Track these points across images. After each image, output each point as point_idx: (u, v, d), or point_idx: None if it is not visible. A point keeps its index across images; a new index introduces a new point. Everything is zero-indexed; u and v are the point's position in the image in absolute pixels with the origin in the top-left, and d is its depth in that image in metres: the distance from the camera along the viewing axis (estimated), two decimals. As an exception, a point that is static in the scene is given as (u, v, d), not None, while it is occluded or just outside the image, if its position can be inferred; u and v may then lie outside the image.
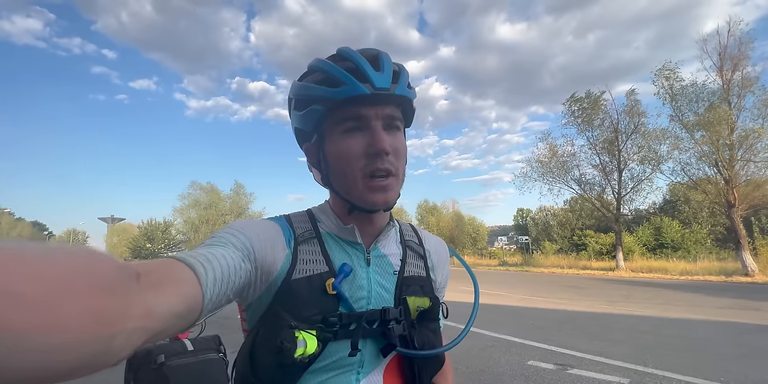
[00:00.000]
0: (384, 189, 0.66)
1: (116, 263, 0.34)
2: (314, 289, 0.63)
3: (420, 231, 0.85)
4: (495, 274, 21.76)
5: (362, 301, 0.67)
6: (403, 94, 0.66)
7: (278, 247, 0.64)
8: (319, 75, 0.66)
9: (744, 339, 5.46)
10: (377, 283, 0.69)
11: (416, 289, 0.72)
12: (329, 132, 0.67)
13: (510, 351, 5.04)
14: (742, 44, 16.20)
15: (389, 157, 0.65)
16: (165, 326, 0.39)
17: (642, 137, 19.94)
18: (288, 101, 0.73)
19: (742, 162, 16.15)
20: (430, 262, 0.80)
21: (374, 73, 0.63)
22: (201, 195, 41.02)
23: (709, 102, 16.47)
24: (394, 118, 0.67)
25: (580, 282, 15.18)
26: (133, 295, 0.34)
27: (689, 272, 17.56)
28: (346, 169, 0.66)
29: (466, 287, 0.89)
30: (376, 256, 0.72)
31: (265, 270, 0.62)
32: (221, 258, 0.53)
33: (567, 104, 22.66)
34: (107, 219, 45.41)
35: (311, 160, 0.73)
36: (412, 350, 0.67)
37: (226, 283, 0.52)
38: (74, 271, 0.29)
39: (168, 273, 0.45)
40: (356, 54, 0.66)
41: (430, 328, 0.72)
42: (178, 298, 0.42)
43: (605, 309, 8.32)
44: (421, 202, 45.28)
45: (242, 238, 0.60)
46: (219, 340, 1.69)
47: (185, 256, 0.49)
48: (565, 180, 23.28)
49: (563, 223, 36.01)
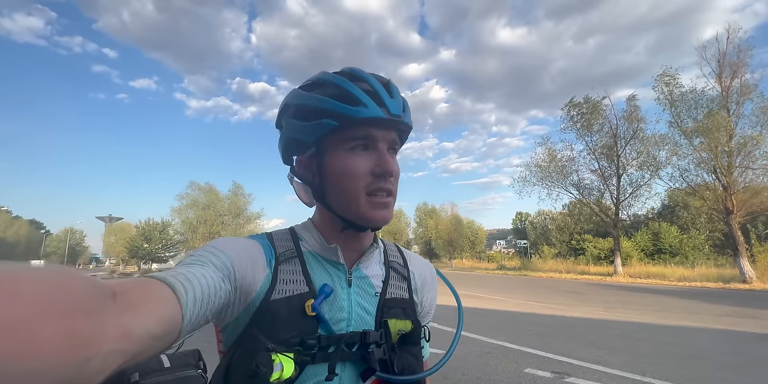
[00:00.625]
0: (386, 206, 0.67)
1: (91, 282, 0.33)
2: (293, 310, 0.62)
3: (406, 252, 0.85)
4: (493, 277, 21.75)
5: (342, 323, 0.66)
6: (409, 124, 0.70)
7: (258, 266, 0.64)
8: (334, 90, 0.66)
9: (742, 348, 5.45)
10: (358, 305, 0.68)
11: (398, 312, 0.71)
12: (333, 147, 0.67)
13: (507, 358, 5.02)
14: (740, 52, 16.27)
15: (391, 179, 0.67)
16: (143, 348, 0.37)
17: (641, 143, 19.98)
18: (284, 108, 0.72)
19: (740, 169, 16.18)
20: (414, 284, 0.79)
21: (389, 100, 0.66)
22: (199, 195, 40.91)
23: (708, 109, 16.52)
24: (395, 142, 0.70)
25: (579, 287, 15.16)
26: (109, 316, 0.33)
27: (687, 278, 17.56)
28: (349, 185, 0.66)
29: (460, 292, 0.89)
30: (357, 277, 0.71)
31: (245, 290, 0.61)
32: (201, 278, 0.52)
33: (566, 109, 22.71)
34: (105, 218, 45.31)
35: (302, 172, 0.72)
36: (392, 375, 0.66)
37: (206, 304, 0.51)
38: (47, 292, 0.28)
39: (146, 293, 0.43)
40: (371, 77, 0.68)
41: (411, 353, 0.70)
42: (156, 319, 0.41)
43: (603, 315, 8.30)
44: (420, 204, 45.39)
45: (222, 257, 0.59)
46: (199, 354, 1.64)
47: (165, 276, 0.48)
48: (564, 185, 23.32)
49: (562, 227, 36.07)
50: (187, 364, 1.51)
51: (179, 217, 41.09)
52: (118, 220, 51.66)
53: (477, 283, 16.15)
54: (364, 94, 0.64)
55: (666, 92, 17.80)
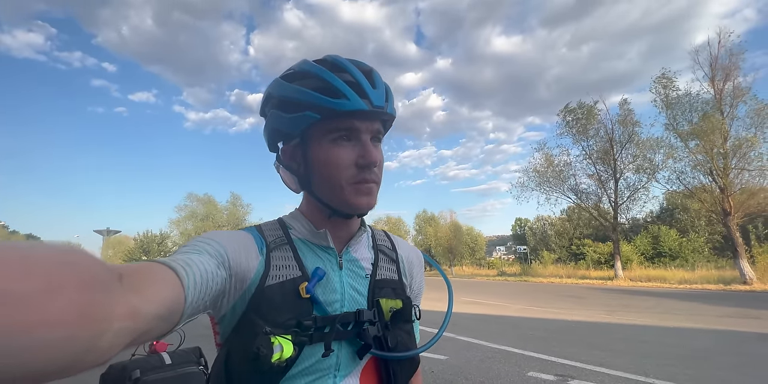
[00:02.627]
0: (369, 192, 0.69)
1: (100, 261, 0.33)
2: (288, 293, 0.64)
3: (394, 238, 0.87)
4: (494, 284, 21.65)
5: (336, 304, 0.67)
6: (392, 113, 0.70)
7: (251, 254, 0.65)
8: (316, 82, 0.66)
9: (744, 348, 5.44)
10: (350, 286, 0.70)
11: (388, 292, 0.74)
12: (317, 138, 0.68)
13: (510, 362, 4.99)
14: (732, 55, 16.46)
15: (375, 169, 0.69)
16: (148, 327, 0.38)
17: (636, 146, 20.10)
18: (267, 98, 0.72)
19: (736, 170, 16.27)
20: (402, 266, 0.82)
21: (372, 91, 0.66)
22: (198, 206, 40.75)
23: (703, 111, 16.66)
24: (379, 131, 0.71)
25: (580, 291, 15.10)
26: (118, 295, 0.33)
27: (688, 281, 17.51)
28: (333, 175, 0.67)
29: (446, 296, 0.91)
30: (348, 260, 0.73)
31: (240, 277, 0.62)
32: (199, 263, 0.54)
33: (561, 115, 22.89)
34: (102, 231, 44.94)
35: (286, 162, 0.73)
36: (387, 352, 0.68)
37: (205, 289, 0.53)
38: (60, 268, 0.28)
39: (150, 275, 0.44)
40: (353, 67, 0.68)
41: (404, 329, 0.73)
42: (161, 300, 0.42)
43: (605, 318, 8.27)
44: (419, 212, 45.21)
45: (216, 245, 0.61)
46: (200, 351, 1.63)
47: (166, 260, 0.50)
48: (562, 189, 23.38)
49: (561, 232, 36.01)
50: (188, 360, 1.51)
51: (177, 229, 40.88)
52: (115, 233, 51.22)
53: (478, 290, 16.07)
54: (346, 86, 0.64)
55: (663, 95, 17.98)
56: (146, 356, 1.52)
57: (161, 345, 1.75)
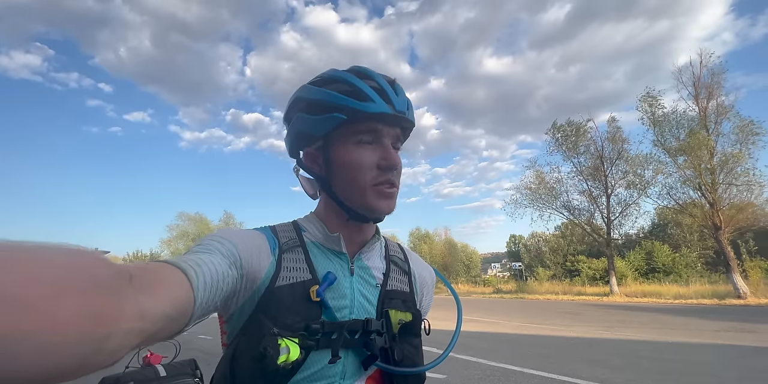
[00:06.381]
0: (391, 196, 0.70)
1: (108, 263, 0.34)
2: (297, 296, 0.63)
3: (408, 251, 0.86)
4: (490, 301, 21.43)
5: (345, 311, 0.67)
6: (413, 120, 0.73)
7: (263, 254, 0.65)
8: (344, 86, 0.68)
9: (743, 362, 5.41)
10: (360, 293, 0.70)
11: (398, 303, 0.72)
12: (341, 140, 0.69)
13: (510, 380, 4.91)
14: (714, 74, 17.01)
15: (395, 172, 0.70)
16: (157, 328, 0.38)
17: (626, 163, 20.42)
18: (294, 102, 0.73)
19: (724, 185, 16.54)
20: (414, 282, 0.81)
21: (395, 97, 0.69)
22: (189, 226, 40.28)
23: (689, 128, 17.06)
24: (398, 137, 0.73)
25: (576, 308, 15.00)
26: (127, 296, 0.34)
27: (683, 296, 17.48)
28: (356, 176, 0.68)
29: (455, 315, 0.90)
30: (359, 266, 0.73)
31: (251, 277, 0.62)
32: (210, 264, 0.54)
33: (550, 133, 23.26)
34: (92, 252, 44.03)
35: (308, 164, 0.74)
36: (393, 366, 0.67)
37: (215, 289, 0.53)
38: (69, 271, 0.29)
39: (160, 275, 0.45)
40: (378, 75, 0.71)
41: (412, 344, 0.72)
42: (171, 301, 0.42)
43: (603, 334, 8.21)
44: (413, 229, 45.07)
45: (228, 245, 0.61)
46: (195, 364, 1.59)
47: (176, 261, 0.49)
48: (555, 205, 23.52)
49: (555, 249, 35.99)
50: (183, 373, 1.47)
51: (168, 249, 40.23)
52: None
53: (474, 307, 15.89)
54: (372, 91, 0.67)
55: (649, 112, 18.43)
56: (141, 368, 1.49)
57: (156, 357, 1.70)
